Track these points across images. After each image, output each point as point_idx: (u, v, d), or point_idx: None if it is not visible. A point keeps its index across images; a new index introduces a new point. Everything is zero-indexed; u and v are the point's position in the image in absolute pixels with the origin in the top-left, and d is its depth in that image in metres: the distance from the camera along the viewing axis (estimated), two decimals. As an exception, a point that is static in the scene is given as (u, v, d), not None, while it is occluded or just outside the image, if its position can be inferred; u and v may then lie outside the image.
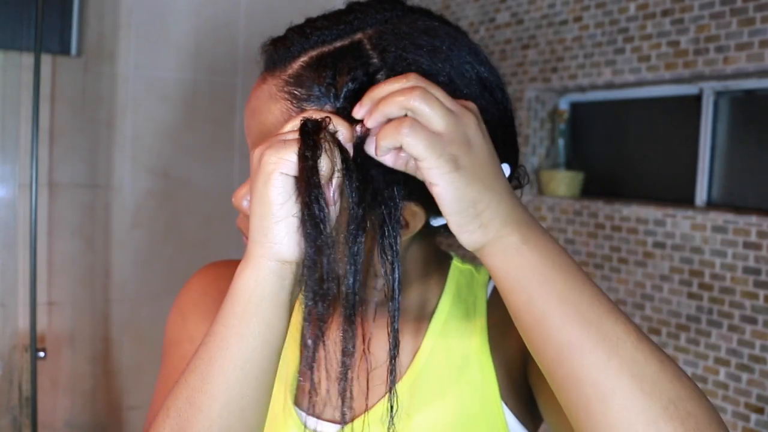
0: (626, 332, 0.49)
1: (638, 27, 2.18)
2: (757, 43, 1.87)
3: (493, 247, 0.52)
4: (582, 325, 0.49)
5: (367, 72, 0.57)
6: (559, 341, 0.49)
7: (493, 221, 0.51)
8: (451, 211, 0.51)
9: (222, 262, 0.81)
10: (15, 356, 2.47)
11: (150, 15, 2.67)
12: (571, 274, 0.51)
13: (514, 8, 2.60)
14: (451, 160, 0.50)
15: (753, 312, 1.89)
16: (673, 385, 0.48)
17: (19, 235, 2.45)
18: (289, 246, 0.53)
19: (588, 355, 0.48)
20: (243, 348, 0.54)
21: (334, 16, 0.61)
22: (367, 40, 0.59)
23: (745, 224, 1.91)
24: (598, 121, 2.57)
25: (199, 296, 0.76)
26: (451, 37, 0.61)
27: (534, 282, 0.51)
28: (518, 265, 0.51)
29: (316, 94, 0.58)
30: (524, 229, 0.52)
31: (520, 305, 0.51)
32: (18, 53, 2.40)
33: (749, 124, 2.12)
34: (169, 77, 2.73)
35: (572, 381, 0.49)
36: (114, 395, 2.72)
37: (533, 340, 0.51)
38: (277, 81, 0.60)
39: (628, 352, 0.48)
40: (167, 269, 2.68)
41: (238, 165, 2.88)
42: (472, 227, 0.52)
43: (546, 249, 0.52)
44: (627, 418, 0.47)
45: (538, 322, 0.50)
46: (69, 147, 2.56)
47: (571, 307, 0.50)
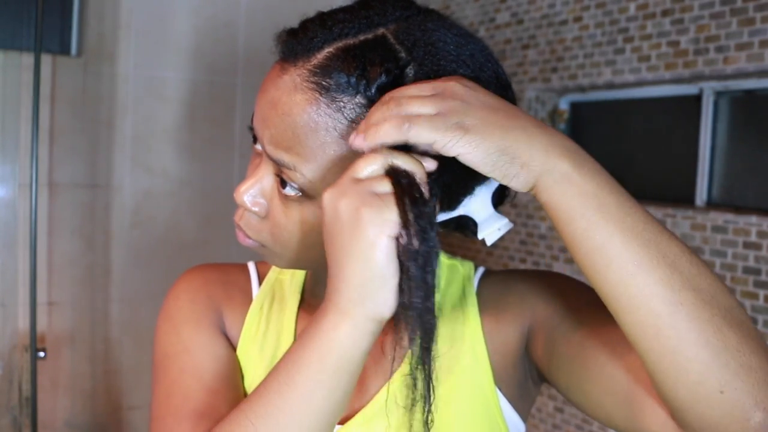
0: (681, 249, 0.52)
1: (638, 27, 2.18)
2: (757, 43, 1.87)
3: (546, 181, 0.52)
4: (642, 245, 0.51)
5: (398, 65, 0.57)
6: (624, 263, 0.51)
7: (533, 157, 0.52)
8: (487, 169, 0.52)
9: (205, 266, 0.80)
10: (15, 356, 2.47)
11: (150, 15, 2.67)
12: (622, 196, 0.53)
13: (514, 8, 2.60)
14: (457, 126, 0.51)
15: (753, 312, 1.89)
16: (724, 295, 0.51)
17: (19, 235, 2.45)
18: (392, 306, 0.53)
19: (653, 273, 0.50)
20: (330, 401, 0.55)
21: (351, 10, 0.61)
22: (391, 35, 0.59)
23: (745, 224, 1.91)
24: (598, 121, 2.57)
25: (189, 304, 0.74)
26: (468, 36, 0.62)
27: (591, 208, 0.51)
28: (574, 194, 0.52)
29: (344, 84, 0.57)
30: (571, 155, 0.52)
31: (580, 232, 0.52)
32: (18, 53, 2.40)
33: (749, 124, 2.12)
34: (169, 77, 2.73)
35: (640, 300, 0.51)
36: (114, 395, 2.72)
37: (595, 264, 0.52)
38: (301, 71, 0.59)
39: (686, 267, 0.51)
40: (167, 269, 2.67)
41: (238, 165, 2.88)
42: (513, 171, 0.52)
43: (596, 172, 0.53)
44: (696, 327, 0.49)
45: (600, 247, 0.51)
46: (69, 147, 2.56)
47: (630, 229, 0.51)
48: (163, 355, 0.72)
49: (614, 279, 0.51)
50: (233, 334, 0.75)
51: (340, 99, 0.58)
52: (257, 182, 0.64)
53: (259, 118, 0.62)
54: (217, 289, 0.76)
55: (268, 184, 0.64)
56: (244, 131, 2.87)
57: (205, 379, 0.68)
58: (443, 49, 0.59)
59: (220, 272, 0.79)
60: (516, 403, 0.71)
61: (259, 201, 0.64)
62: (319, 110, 0.58)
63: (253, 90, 2.86)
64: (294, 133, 0.59)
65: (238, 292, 0.77)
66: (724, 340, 0.50)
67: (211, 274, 0.78)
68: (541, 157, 0.52)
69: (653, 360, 0.52)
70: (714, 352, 0.49)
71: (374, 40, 0.58)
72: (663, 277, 0.50)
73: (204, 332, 0.72)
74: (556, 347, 0.67)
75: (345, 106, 0.58)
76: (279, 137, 0.60)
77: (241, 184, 0.65)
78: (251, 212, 0.65)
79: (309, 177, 0.60)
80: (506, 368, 0.71)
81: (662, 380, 0.52)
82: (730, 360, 0.49)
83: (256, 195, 0.64)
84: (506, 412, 0.70)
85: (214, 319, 0.74)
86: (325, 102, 0.58)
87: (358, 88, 0.57)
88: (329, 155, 0.59)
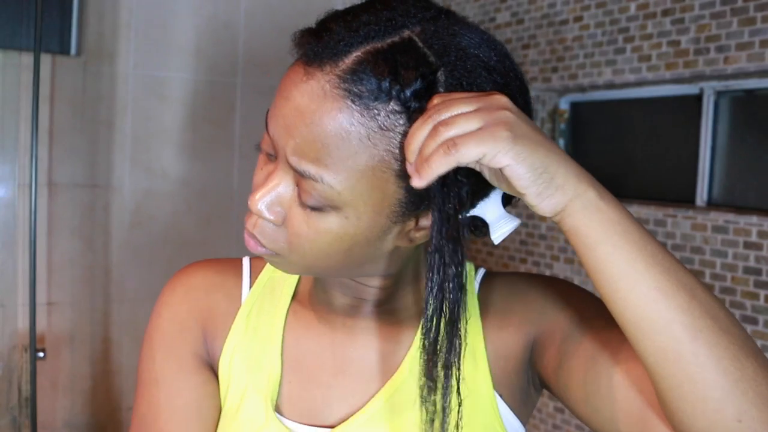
0: (694, 279, 0.53)
1: (639, 27, 2.18)
2: (757, 43, 1.87)
3: (574, 206, 0.53)
4: (663, 272, 0.52)
5: (431, 70, 0.56)
6: (646, 288, 0.52)
7: (568, 180, 0.52)
8: (527, 183, 0.52)
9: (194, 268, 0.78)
10: (14, 356, 2.47)
11: (150, 15, 2.67)
12: (640, 226, 0.54)
13: (515, 8, 2.60)
14: (506, 137, 0.51)
15: (753, 312, 1.89)
16: (737, 326, 0.52)
17: (19, 235, 2.45)
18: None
19: (674, 299, 0.51)
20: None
21: (374, 9, 0.59)
22: (418, 38, 0.57)
23: (745, 224, 1.90)
24: (599, 121, 2.57)
25: (167, 324, 0.74)
26: (492, 40, 0.61)
27: (615, 234, 0.52)
28: (600, 220, 0.53)
29: (376, 90, 0.55)
30: (596, 184, 0.54)
31: (605, 257, 0.53)
32: (17, 53, 2.39)
33: (750, 124, 2.12)
34: (168, 77, 2.73)
35: (661, 325, 0.51)
36: (113, 395, 2.72)
37: (618, 290, 0.53)
38: (330, 77, 0.56)
39: (703, 296, 0.52)
40: (167, 269, 2.66)
41: (238, 165, 2.88)
42: (550, 191, 0.52)
43: (616, 202, 0.54)
44: (716, 355, 0.50)
45: (624, 272, 0.52)
46: (69, 147, 2.56)
47: (651, 256, 0.52)
48: (140, 380, 0.74)
49: (636, 304, 0.52)
50: (217, 344, 0.74)
51: (374, 107, 0.55)
52: (273, 189, 0.61)
53: (280, 126, 0.58)
54: (199, 299, 0.75)
55: (286, 192, 0.61)
56: (244, 131, 2.87)
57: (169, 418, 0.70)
58: (473, 54, 0.58)
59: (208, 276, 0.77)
60: (517, 408, 0.71)
61: (276, 209, 0.61)
62: (352, 119, 0.55)
63: (253, 90, 2.86)
64: (323, 143, 0.56)
65: (223, 298, 0.76)
66: (742, 368, 0.50)
67: (198, 280, 0.76)
68: (574, 183, 0.53)
69: (672, 387, 0.52)
70: (733, 380, 0.50)
71: (401, 43, 0.56)
72: (683, 304, 0.51)
73: (175, 362, 0.72)
74: (564, 361, 0.66)
75: (379, 113, 0.55)
76: (306, 148, 0.57)
77: (256, 191, 0.61)
78: (267, 220, 0.62)
79: (338, 189, 0.57)
80: (507, 374, 0.70)
81: (680, 408, 0.52)
82: (747, 389, 0.50)
83: (273, 203, 0.61)
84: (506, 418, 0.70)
85: (191, 339, 0.74)
86: (358, 110, 0.55)
87: (391, 93, 0.55)
88: (360, 165, 0.56)
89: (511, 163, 0.51)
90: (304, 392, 0.70)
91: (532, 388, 0.72)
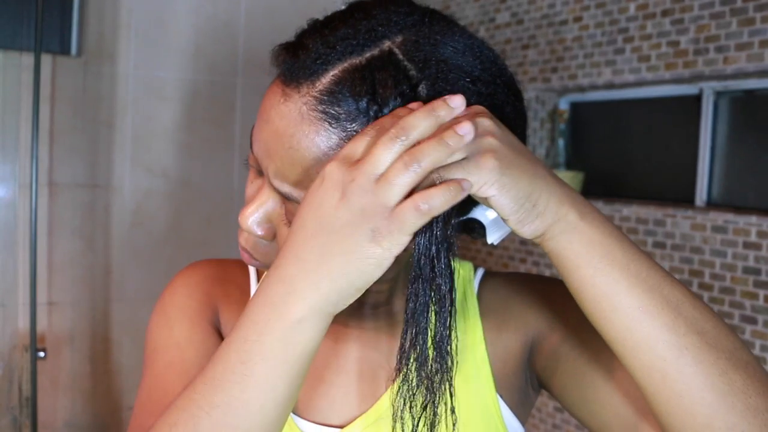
0: (683, 294, 0.53)
1: (638, 27, 2.18)
2: (757, 43, 1.87)
3: (554, 230, 0.53)
4: (646, 291, 0.52)
5: (410, 85, 0.54)
6: (629, 308, 0.51)
7: (549, 206, 0.52)
8: (509, 211, 0.52)
9: (205, 261, 0.78)
10: (15, 356, 2.47)
11: (150, 15, 2.67)
12: (625, 243, 0.53)
13: (514, 8, 2.60)
14: (493, 168, 0.50)
15: (753, 312, 1.89)
16: (727, 337, 0.52)
17: (19, 235, 2.45)
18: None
19: (657, 318, 0.51)
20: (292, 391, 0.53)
21: (352, 21, 0.56)
22: (398, 48, 0.55)
23: (745, 224, 1.91)
24: (598, 121, 2.57)
25: (184, 300, 0.73)
26: (478, 46, 0.59)
27: (596, 256, 0.52)
28: (580, 242, 0.52)
29: (354, 111, 0.53)
30: (578, 205, 0.53)
31: (586, 279, 0.53)
32: (18, 53, 2.40)
33: (749, 124, 2.12)
34: (169, 77, 2.73)
35: (646, 344, 0.51)
36: (114, 395, 2.72)
37: (601, 310, 0.53)
38: (307, 99, 0.54)
39: (689, 312, 0.52)
40: (167, 269, 2.67)
41: (238, 165, 2.88)
42: (531, 218, 0.52)
43: (600, 220, 0.53)
44: (702, 371, 0.50)
45: (606, 293, 0.52)
46: (69, 147, 2.56)
47: (634, 276, 0.52)
48: (153, 349, 0.71)
49: (620, 324, 0.52)
50: (229, 331, 0.75)
51: (351, 129, 0.54)
52: (262, 206, 0.61)
53: (261, 148, 0.58)
54: (214, 286, 0.75)
55: (275, 208, 0.61)
56: (244, 131, 2.88)
57: (191, 375, 0.66)
58: (455, 64, 0.56)
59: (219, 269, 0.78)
60: (516, 409, 0.71)
61: (265, 225, 0.61)
62: (330, 142, 0.54)
63: (253, 90, 2.86)
64: (303, 166, 0.55)
65: (235, 289, 0.76)
66: (730, 382, 0.50)
67: (210, 270, 0.76)
68: (554, 207, 0.52)
69: (660, 403, 0.52)
70: (720, 394, 0.50)
71: (381, 57, 0.54)
72: (667, 322, 0.51)
73: (197, 329, 0.71)
74: (561, 364, 0.67)
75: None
76: (286, 171, 0.56)
77: (245, 208, 0.62)
78: (257, 237, 0.62)
79: None
80: (507, 375, 0.71)
81: (670, 423, 0.52)
82: (736, 402, 0.50)
83: (262, 220, 0.61)
84: (506, 419, 0.70)
85: (210, 316, 0.73)
86: (335, 132, 0.54)
87: (369, 114, 0.53)
88: None
89: (495, 194, 0.51)
90: (309, 389, 0.70)
91: (531, 388, 0.72)
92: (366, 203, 0.49)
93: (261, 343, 0.52)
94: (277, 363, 0.52)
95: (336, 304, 0.51)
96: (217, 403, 0.52)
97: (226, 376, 0.53)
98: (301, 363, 0.53)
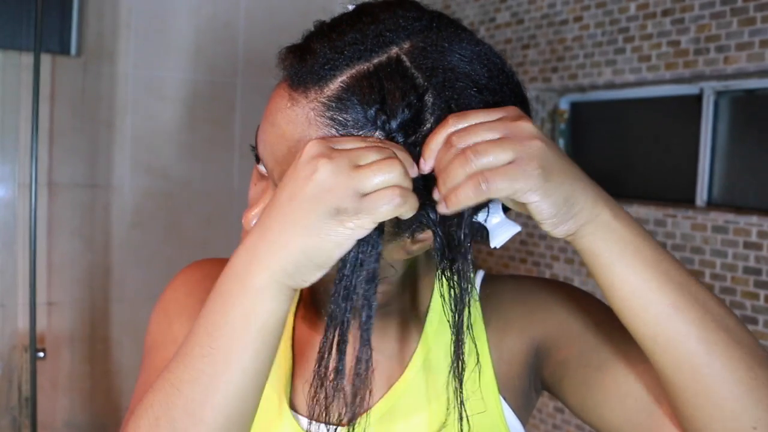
0: (707, 292, 0.54)
1: (639, 27, 2.18)
2: (757, 43, 1.87)
3: (587, 229, 0.53)
4: (676, 288, 0.53)
5: (417, 94, 0.54)
6: (661, 305, 0.53)
7: (585, 206, 0.52)
8: (548, 215, 0.52)
9: (207, 260, 0.78)
10: (14, 356, 2.47)
11: (150, 15, 2.67)
12: (653, 242, 0.54)
13: (515, 8, 2.60)
14: (539, 176, 0.50)
15: (753, 312, 1.89)
16: (748, 335, 0.54)
17: (19, 235, 2.45)
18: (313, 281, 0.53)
19: (688, 314, 0.52)
20: (257, 362, 0.54)
21: (360, 25, 0.56)
22: (406, 55, 0.55)
23: (745, 224, 1.91)
24: (599, 121, 2.57)
25: (185, 297, 0.73)
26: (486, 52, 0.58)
27: (628, 254, 0.53)
28: (613, 240, 0.53)
29: (362, 119, 0.54)
30: (610, 204, 0.54)
31: (618, 277, 0.53)
32: (18, 53, 2.39)
33: (750, 124, 2.12)
34: (168, 77, 2.73)
35: (678, 340, 0.53)
36: (113, 395, 2.72)
37: (633, 308, 0.54)
38: (315, 104, 0.54)
39: (715, 309, 0.53)
40: (167, 269, 2.67)
41: (238, 165, 2.88)
42: (566, 219, 0.52)
43: (630, 220, 0.54)
44: (731, 366, 0.52)
45: (638, 291, 0.53)
46: (69, 147, 2.56)
47: (664, 273, 0.53)
48: (152, 345, 0.72)
49: (652, 321, 0.53)
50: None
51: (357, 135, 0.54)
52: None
53: (267, 150, 0.58)
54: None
55: None
56: (244, 131, 2.87)
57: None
58: (462, 72, 0.55)
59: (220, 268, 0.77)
60: (519, 411, 0.71)
61: None
62: None
63: (253, 90, 2.86)
64: None
65: None
66: (756, 378, 0.52)
67: (212, 269, 0.76)
68: (589, 207, 0.52)
69: (688, 398, 0.53)
70: (748, 389, 0.51)
71: (389, 64, 0.54)
72: (697, 318, 0.52)
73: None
74: (570, 369, 0.67)
75: None
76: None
77: (249, 209, 0.61)
78: None
79: None
80: (511, 378, 0.70)
81: (696, 416, 0.54)
82: (762, 397, 0.51)
83: None
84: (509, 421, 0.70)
85: None
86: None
87: (377, 123, 0.53)
88: None
89: (537, 200, 0.51)
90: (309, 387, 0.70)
91: (533, 391, 0.72)
92: (336, 183, 0.49)
93: (224, 314, 0.53)
94: (240, 334, 0.52)
95: (293, 275, 0.52)
96: (186, 378, 0.53)
97: (195, 351, 0.53)
98: (264, 335, 0.53)
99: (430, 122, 0.54)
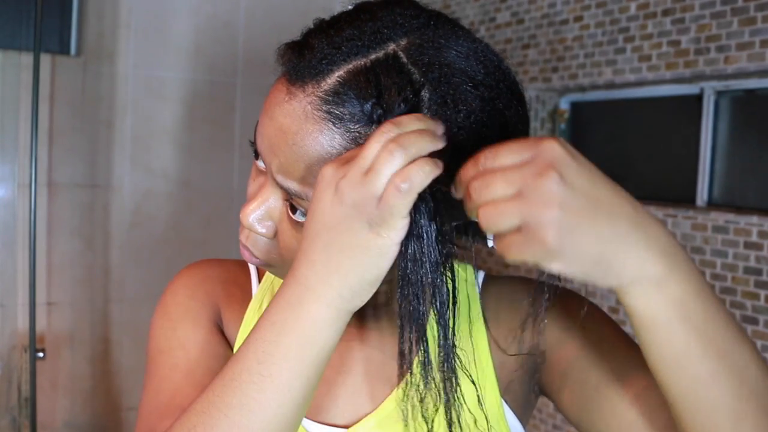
0: (751, 358, 0.51)
1: (639, 26, 2.18)
2: (758, 43, 1.87)
3: (632, 287, 0.48)
4: (718, 357, 0.50)
5: (413, 89, 0.54)
6: (698, 372, 0.50)
7: (627, 265, 0.47)
8: (580, 280, 0.48)
9: (206, 261, 0.78)
10: (14, 357, 2.47)
11: (150, 15, 2.66)
12: (707, 301, 0.50)
13: (515, 8, 2.60)
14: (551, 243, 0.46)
15: (754, 312, 1.89)
16: None
17: (19, 235, 2.45)
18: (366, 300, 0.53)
19: (724, 384, 0.50)
20: (308, 391, 0.54)
21: (358, 22, 0.57)
22: (403, 52, 0.55)
23: (746, 224, 1.90)
24: (599, 120, 2.57)
25: (187, 300, 0.73)
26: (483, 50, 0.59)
27: (676, 318, 0.49)
28: (661, 301, 0.49)
29: (359, 113, 0.54)
30: (666, 258, 0.48)
31: (660, 340, 0.50)
32: (17, 53, 2.39)
33: (750, 124, 2.11)
34: (168, 77, 2.73)
35: (708, 407, 0.51)
36: (113, 395, 2.72)
37: (669, 368, 0.51)
38: (312, 98, 0.55)
39: (753, 378, 0.51)
40: (167, 269, 2.67)
41: (238, 165, 2.88)
42: (603, 279, 0.48)
43: (687, 274, 0.49)
44: None
45: (677, 356, 0.50)
46: (68, 147, 2.56)
47: (710, 341, 0.50)
48: (157, 351, 0.71)
49: (686, 385, 0.51)
50: (231, 332, 0.74)
51: (355, 130, 0.54)
52: (263, 203, 0.61)
53: (265, 143, 0.59)
54: (216, 286, 0.75)
55: (276, 206, 0.61)
56: (244, 131, 2.87)
57: (197, 376, 0.66)
58: (459, 68, 0.56)
59: (220, 269, 0.77)
60: (519, 412, 0.71)
61: (266, 223, 0.62)
62: (333, 141, 0.55)
63: (253, 90, 2.86)
64: (306, 163, 0.56)
65: (237, 289, 0.76)
66: None
67: (212, 270, 0.76)
68: (635, 265, 0.47)
69: None
70: None
71: (386, 60, 0.55)
72: (732, 388, 0.50)
73: (200, 329, 0.71)
74: (569, 382, 0.66)
75: (360, 137, 0.55)
76: (289, 167, 0.57)
77: (247, 205, 0.62)
78: (258, 234, 0.63)
79: None
80: (511, 381, 0.70)
81: None
82: None
83: (263, 217, 0.62)
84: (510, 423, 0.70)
85: (212, 316, 0.73)
86: (339, 133, 0.55)
87: (373, 117, 0.54)
88: None
89: (559, 268, 0.47)
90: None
91: (533, 394, 0.72)
92: (357, 196, 0.49)
93: (278, 344, 0.53)
94: (294, 363, 0.53)
95: (350, 300, 0.52)
96: (234, 404, 0.53)
97: (243, 377, 0.53)
98: (318, 363, 0.53)
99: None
